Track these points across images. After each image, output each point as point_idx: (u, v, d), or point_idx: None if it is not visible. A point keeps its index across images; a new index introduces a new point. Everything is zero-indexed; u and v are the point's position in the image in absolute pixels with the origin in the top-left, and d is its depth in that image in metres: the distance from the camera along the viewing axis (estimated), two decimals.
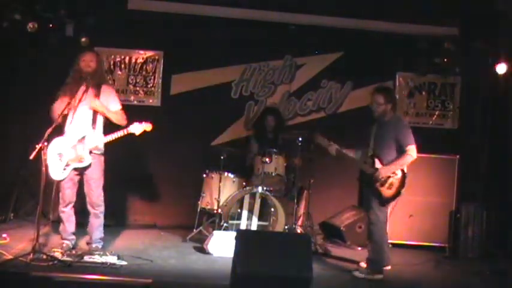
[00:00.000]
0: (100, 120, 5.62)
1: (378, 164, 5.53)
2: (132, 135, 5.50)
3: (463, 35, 7.34)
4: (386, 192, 5.52)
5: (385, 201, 5.55)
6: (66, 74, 5.71)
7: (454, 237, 7.05)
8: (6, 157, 7.30)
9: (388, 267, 5.78)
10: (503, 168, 7.28)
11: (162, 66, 7.69)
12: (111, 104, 5.67)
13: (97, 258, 5.28)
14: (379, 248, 5.59)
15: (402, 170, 5.54)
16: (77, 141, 5.49)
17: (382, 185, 5.50)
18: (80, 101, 5.50)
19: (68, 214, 5.64)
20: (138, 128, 5.48)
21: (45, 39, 7.02)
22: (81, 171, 5.59)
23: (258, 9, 7.48)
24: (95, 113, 5.57)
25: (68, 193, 5.58)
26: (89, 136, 5.52)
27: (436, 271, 6.24)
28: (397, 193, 5.53)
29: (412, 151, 5.49)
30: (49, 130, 5.32)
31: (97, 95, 5.56)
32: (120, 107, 5.73)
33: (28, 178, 7.05)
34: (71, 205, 5.65)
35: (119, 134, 5.51)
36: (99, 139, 5.54)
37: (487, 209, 7.03)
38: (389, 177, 5.49)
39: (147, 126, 5.51)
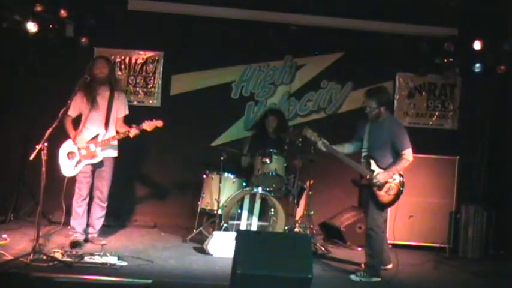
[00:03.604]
0: (113, 121, 5.98)
1: (373, 166, 5.50)
2: (144, 131, 5.89)
3: (463, 35, 7.35)
4: (385, 197, 5.49)
5: (382, 206, 5.53)
6: (66, 75, 5.74)
7: (454, 237, 7.06)
8: (6, 158, 7.30)
9: (390, 266, 5.77)
10: (503, 168, 7.28)
11: (162, 66, 7.69)
12: (122, 110, 6.08)
13: (97, 259, 5.28)
14: (376, 253, 5.56)
15: (400, 174, 5.52)
16: (90, 140, 5.84)
17: (380, 189, 5.47)
18: (95, 102, 5.87)
19: (84, 208, 5.97)
20: (150, 125, 5.91)
21: (45, 40, 7.01)
22: (95, 168, 5.95)
23: (258, 9, 7.49)
24: (108, 114, 5.92)
25: (87, 188, 5.94)
26: (101, 136, 5.88)
27: (436, 272, 6.24)
28: (396, 198, 5.51)
29: (408, 155, 5.45)
30: (49, 131, 5.33)
31: (113, 99, 5.96)
32: (127, 113, 6.15)
33: (28, 179, 7.05)
34: (87, 199, 5.99)
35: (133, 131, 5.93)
36: (110, 136, 5.91)
37: (487, 210, 7.03)
38: (387, 182, 5.47)
39: (158, 123, 5.93)
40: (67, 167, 5.86)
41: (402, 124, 5.85)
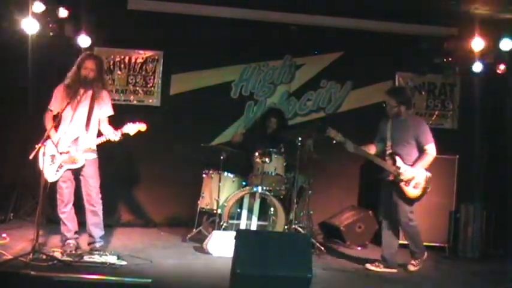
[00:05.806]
0: (95, 122, 5.64)
1: (399, 163, 5.67)
2: (127, 135, 5.51)
3: (463, 35, 7.34)
4: (413, 192, 5.68)
5: (412, 201, 5.72)
6: (66, 75, 5.71)
7: (453, 237, 7.06)
8: (6, 157, 7.30)
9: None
10: (503, 168, 7.27)
11: (161, 66, 7.70)
12: (106, 110, 5.70)
13: (97, 258, 5.28)
14: (419, 244, 5.91)
15: (426, 169, 5.73)
16: (71, 143, 5.51)
17: (407, 184, 5.64)
18: (78, 103, 5.55)
19: (68, 214, 5.66)
20: (132, 128, 5.49)
21: (44, 39, 7.00)
22: (77, 172, 5.61)
23: (258, 9, 7.49)
24: (90, 115, 5.59)
25: (67, 193, 5.60)
26: (82, 137, 5.54)
27: (435, 271, 6.24)
28: (423, 193, 5.71)
29: (431, 149, 5.71)
30: (49, 130, 5.33)
31: (95, 99, 5.60)
32: (112, 113, 5.75)
33: (28, 178, 7.05)
34: (71, 204, 5.67)
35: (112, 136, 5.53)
36: (92, 140, 5.56)
37: (487, 209, 7.03)
38: (413, 177, 5.65)
39: (141, 127, 5.52)
40: (50, 171, 5.48)
41: (424, 121, 6.10)
